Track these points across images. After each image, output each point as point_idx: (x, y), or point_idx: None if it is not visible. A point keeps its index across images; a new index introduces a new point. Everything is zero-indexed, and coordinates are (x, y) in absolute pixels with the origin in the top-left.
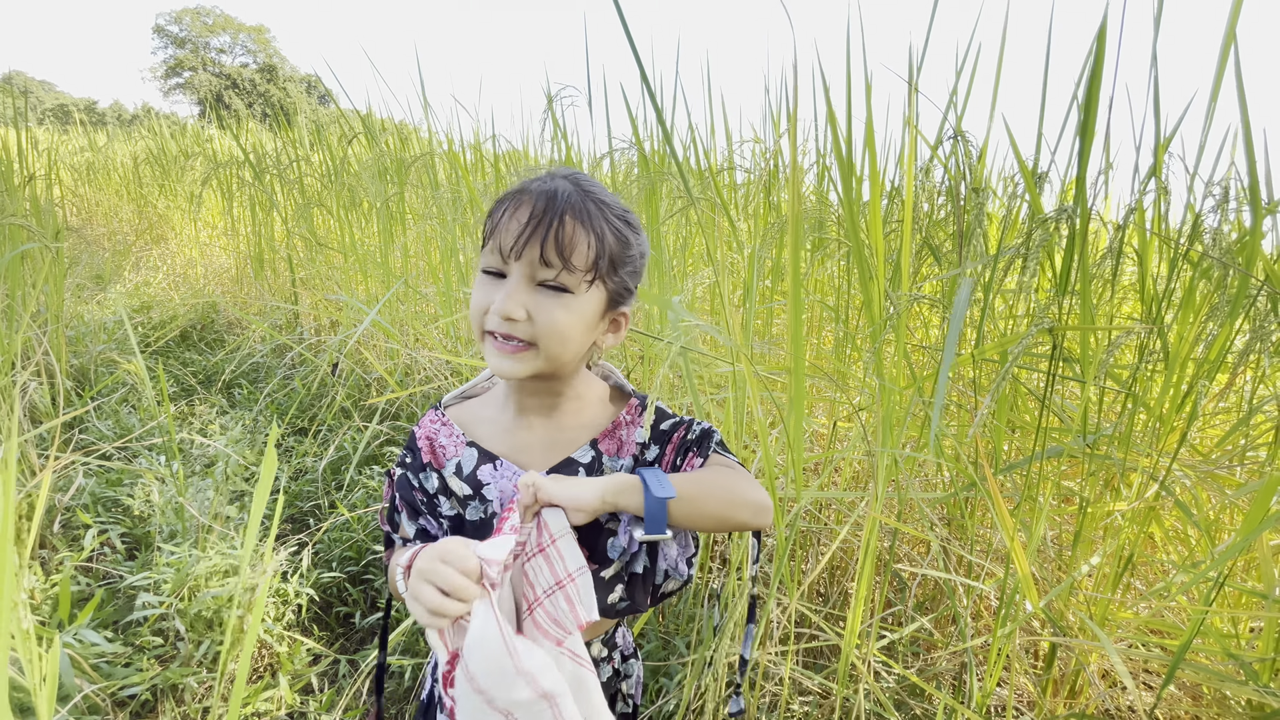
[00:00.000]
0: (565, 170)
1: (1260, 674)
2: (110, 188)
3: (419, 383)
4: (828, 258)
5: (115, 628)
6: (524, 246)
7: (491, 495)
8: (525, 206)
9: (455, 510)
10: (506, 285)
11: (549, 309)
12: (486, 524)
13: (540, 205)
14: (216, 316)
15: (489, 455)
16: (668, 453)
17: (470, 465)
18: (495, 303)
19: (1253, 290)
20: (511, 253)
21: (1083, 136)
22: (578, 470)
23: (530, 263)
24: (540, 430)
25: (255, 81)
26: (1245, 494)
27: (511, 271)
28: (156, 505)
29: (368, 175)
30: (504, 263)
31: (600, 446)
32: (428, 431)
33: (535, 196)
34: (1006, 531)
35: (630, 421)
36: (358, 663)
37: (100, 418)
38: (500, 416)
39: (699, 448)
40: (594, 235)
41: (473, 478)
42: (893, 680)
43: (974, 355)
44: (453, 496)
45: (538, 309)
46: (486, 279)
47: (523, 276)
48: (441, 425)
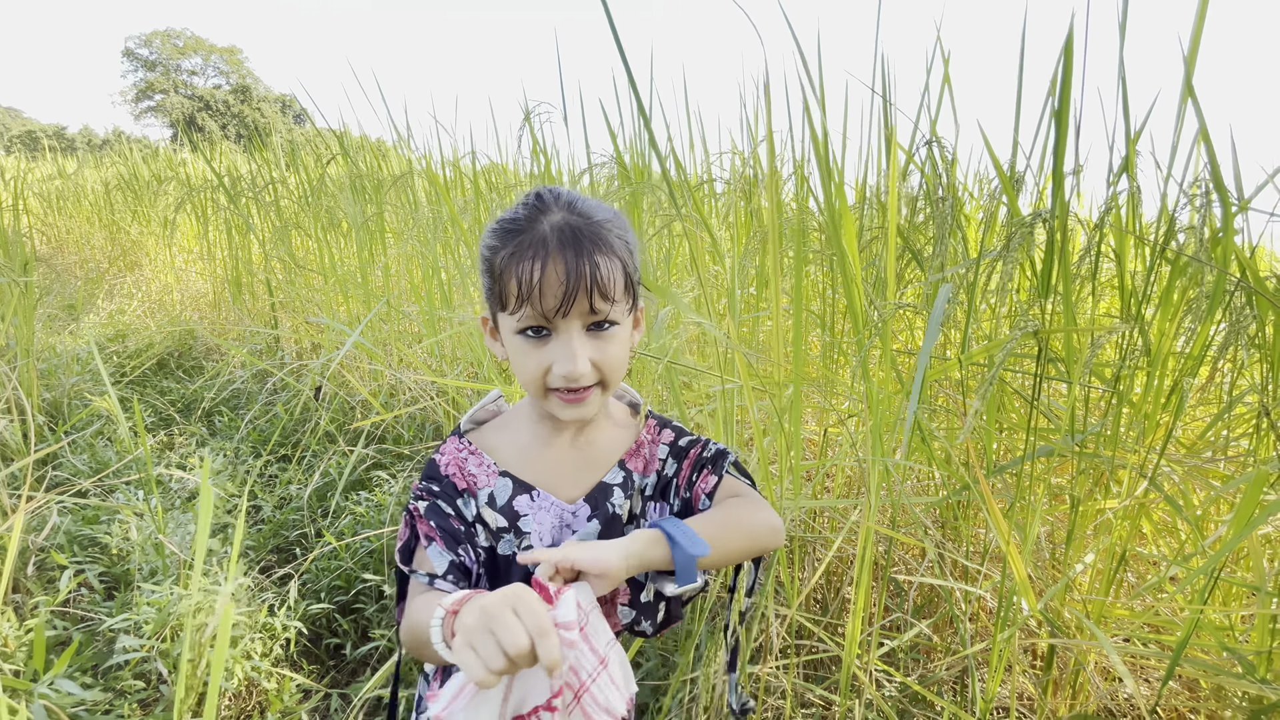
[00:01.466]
0: (545, 193)
1: (1257, 666)
2: (81, 215)
3: (404, 404)
4: (811, 265)
5: (94, 673)
6: (571, 304)
7: (529, 527)
8: (555, 263)
9: (488, 543)
10: (565, 344)
11: (607, 350)
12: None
13: (571, 257)
14: (194, 343)
15: (525, 485)
16: (684, 468)
17: (505, 496)
18: (558, 365)
19: (1229, 286)
20: (559, 313)
21: (1056, 143)
22: (612, 491)
23: (581, 314)
24: (570, 448)
25: (229, 103)
26: (1233, 488)
27: (561, 329)
28: (135, 543)
29: (345, 195)
30: (549, 321)
31: (629, 465)
32: (455, 459)
33: (556, 248)
34: (1001, 533)
35: (652, 440)
36: (350, 696)
37: (75, 453)
38: (526, 439)
39: (713, 466)
40: (619, 261)
41: (509, 509)
42: (894, 689)
43: (960, 359)
44: (485, 528)
45: (599, 354)
46: (527, 341)
47: (576, 328)
48: (470, 454)
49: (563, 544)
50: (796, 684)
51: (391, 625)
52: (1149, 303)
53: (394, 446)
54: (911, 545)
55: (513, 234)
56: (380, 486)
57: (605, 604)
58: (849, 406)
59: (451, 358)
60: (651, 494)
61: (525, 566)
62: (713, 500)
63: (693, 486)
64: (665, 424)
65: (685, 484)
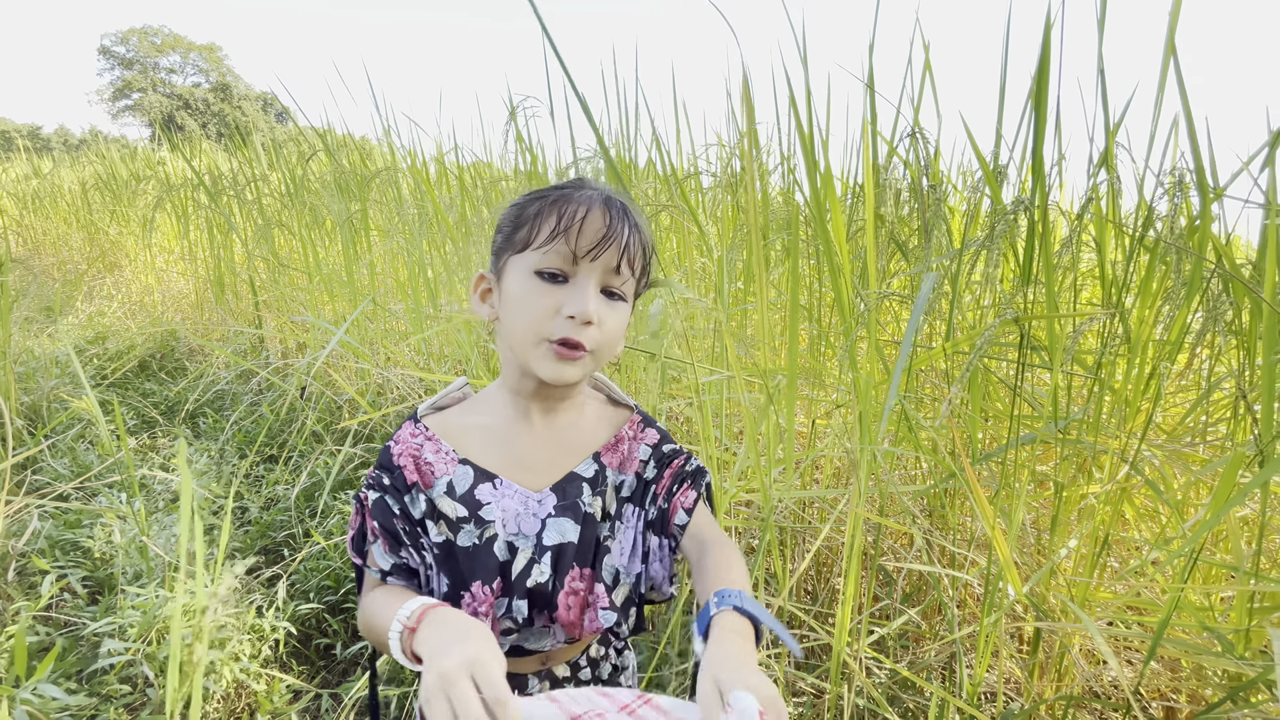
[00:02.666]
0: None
1: (1235, 645)
2: (58, 215)
3: (392, 403)
4: (799, 256)
5: (79, 678)
6: (603, 251)
7: (492, 515)
8: (598, 211)
9: (444, 536)
10: (580, 288)
11: (611, 319)
12: (483, 550)
13: (614, 214)
14: (176, 344)
15: (486, 474)
16: (665, 477)
17: (465, 484)
18: (568, 305)
19: (1206, 273)
20: (589, 255)
21: (1035, 131)
22: (581, 485)
23: (605, 268)
24: (541, 434)
25: (209, 101)
26: (1210, 470)
27: (581, 274)
28: (119, 546)
29: (329, 192)
30: (573, 264)
31: (604, 460)
32: (409, 448)
33: (602, 203)
34: (987, 519)
35: (634, 437)
36: (340, 696)
37: (55, 456)
38: (494, 422)
39: (693, 481)
40: (645, 246)
41: (469, 498)
42: (884, 675)
43: (944, 348)
44: (442, 520)
45: (605, 316)
46: (542, 284)
47: (594, 281)
48: (425, 440)
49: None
50: (788, 672)
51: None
52: (1129, 291)
53: (381, 445)
54: (900, 535)
55: (557, 189)
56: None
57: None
58: (837, 397)
59: (439, 355)
60: (629, 495)
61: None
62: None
63: (671, 498)
64: (649, 423)
65: (664, 493)
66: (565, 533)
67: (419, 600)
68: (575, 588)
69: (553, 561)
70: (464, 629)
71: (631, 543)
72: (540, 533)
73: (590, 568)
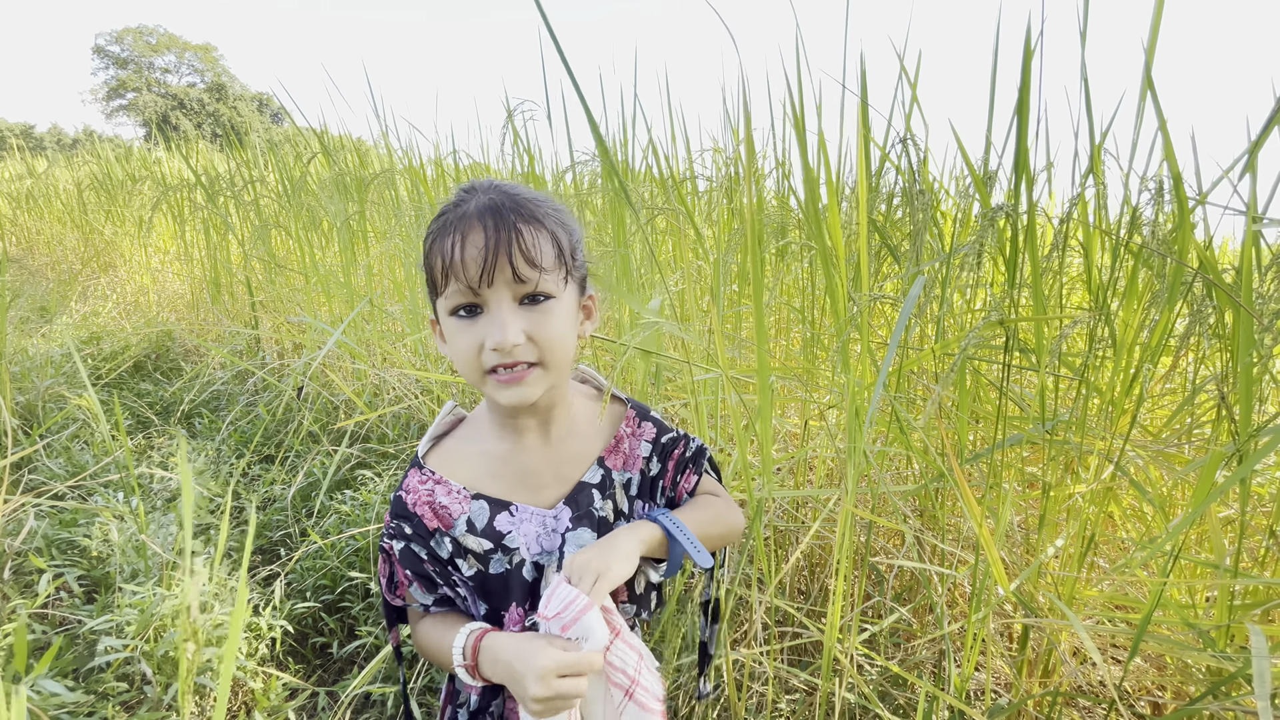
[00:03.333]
0: (479, 183)
1: (1217, 640)
2: (53, 215)
3: (389, 403)
4: (793, 261)
5: (76, 676)
6: (494, 269)
7: (516, 543)
8: (474, 232)
9: (476, 568)
10: (494, 316)
11: (542, 323)
12: (515, 574)
13: (490, 222)
14: (172, 345)
15: (501, 503)
16: (669, 467)
17: (484, 519)
18: (490, 338)
19: (1188, 277)
20: (482, 280)
21: (1018, 143)
22: (590, 492)
23: (506, 282)
24: (541, 451)
25: (204, 101)
26: (1192, 470)
27: (489, 299)
28: (116, 544)
29: (326, 194)
30: (475, 294)
31: (608, 463)
32: (421, 496)
33: (475, 218)
34: (974, 518)
35: (631, 434)
36: (337, 694)
37: (50, 456)
38: (494, 447)
39: (694, 464)
40: (547, 232)
41: (491, 530)
42: (875, 672)
43: (934, 350)
44: (470, 554)
45: (533, 326)
46: (460, 321)
47: (505, 300)
48: (435, 483)
49: (579, 560)
50: (780, 669)
51: (378, 623)
52: (1115, 294)
53: (378, 445)
54: (892, 534)
55: (440, 217)
56: (365, 485)
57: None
58: (830, 399)
59: (436, 356)
60: (637, 492)
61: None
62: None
63: (677, 486)
64: (645, 415)
65: (670, 483)
66: (585, 543)
67: (466, 631)
68: None
69: None
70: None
71: None
72: (562, 547)
73: None
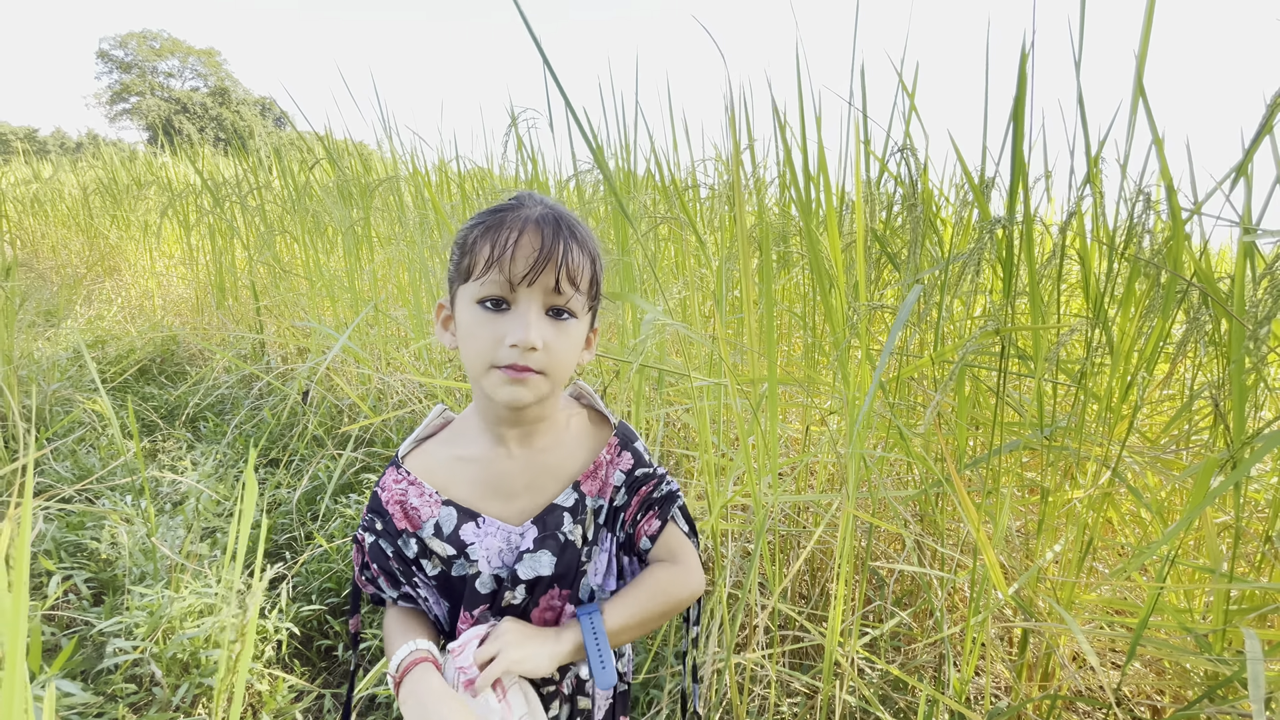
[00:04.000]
0: (533, 193)
1: (1213, 645)
2: (58, 219)
3: (393, 407)
4: (793, 266)
5: (84, 677)
6: (539, 274)
7: (477, 555)
8: (531, 234)
9: (439, 569)
10: (522, 315)
11: (560, 337)
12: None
13: (548, 233)
14: (177, 348)
15: (470, 513)
16: (633, 503)
17: (450, 525)
18: (511, 334)
19: (1182, 287)
20: (525, 280)
21: (1014, 162)
22: (561, 515)
23: (544, 290)
24: (520, 461)
25: (207, 105)
26: (1188, 475)
27: (521, 299)
28: (124, 547)
29: (331, 199)
30: (511, 290)
31: (583, 488)
32: (394, 495)
33: (536, 223)
34: (972, 522)
35: (610, 461)
36: (343, 696)
37: (57, 459)
38: (473, 452)
39: (660, 509)
40: (589, 257)
41: (455, 538)
42: (876, 675)
43: (931, 357)
44: (434, 556)
45: (551, 338)
46: (485, 313)
47: (536, 304)
48: (409, 484)
49: (495, 648)
50: (781, 672)
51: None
52: (1113, 301)
53: (383, 449)
54: (892, 539)
55: (492, 213)
56: (370, 489)
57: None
58: (831, 405)
59: (439, 361)
60: (604, 521)
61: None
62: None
63: (637, 524)
64: (628, 443)
65: (630, 520)
66: (539, 567)
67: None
68: (552, 605)
69: (527, 590)
70: (425, 706)
71: (606, 563)
72: (516, 564)
73: (570, 588)
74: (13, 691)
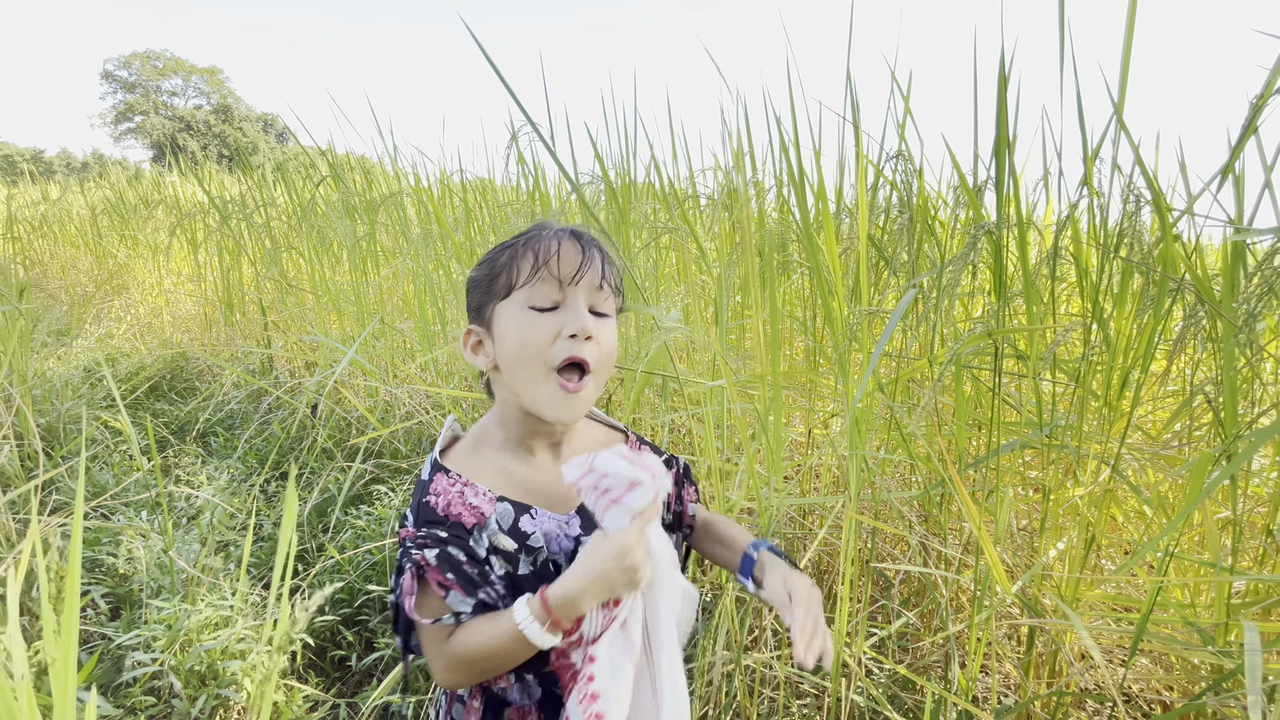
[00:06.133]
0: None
1: (1216, 638)
2: (66, 239)
3: (401, 419)
4: (793, 272)
5: (104, 690)
6: (585, 272)
7: (538, 542)
8: (569, 243)
9: (505, 569)
10: (573, 309)
11: (604, 331)
12: (539, 574)
13: (581, 241)
14: (186, 365)
15: (522, 506)
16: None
17: (509, 520)
18: (569, 325)
19: (1175, 286)
20: (574, 279)
21: (996, 173)
22: None
23: (589, 288)
24: (550, 468)
25: (210, 123)
26: (1184, 471)
27: (569, 299)
28: (141, 561)
29: (336, 215)
30: (560, 291)
31: None
32: (453, 496)
33: (569, 235)
34: (973, 521)
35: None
36: (358, 705)
37: (72, 477)
38: (505, 461)
39: (688, 478)
40: (616, 267)
41: (516, 530)
42: (884, 675)
43: (928, 359)
44: (501, 554)
45: (598, 332)
46: (535, 314)
47: (583, 300)
48: (464, 485)
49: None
50: (790, 673)
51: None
52: (1110, 299)
53: (391, 461)
54: (898, 539)
55: (519, 237)
56: (380, 500)
57: None
58: (834, 408)
59: (446, 372)
60: None
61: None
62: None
63: (683, 500)
64: (642, 440)
65: (675, 498)
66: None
67: (522, 601)
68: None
69: None
70: (589, 560)
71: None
72: (575, 550)
73: None
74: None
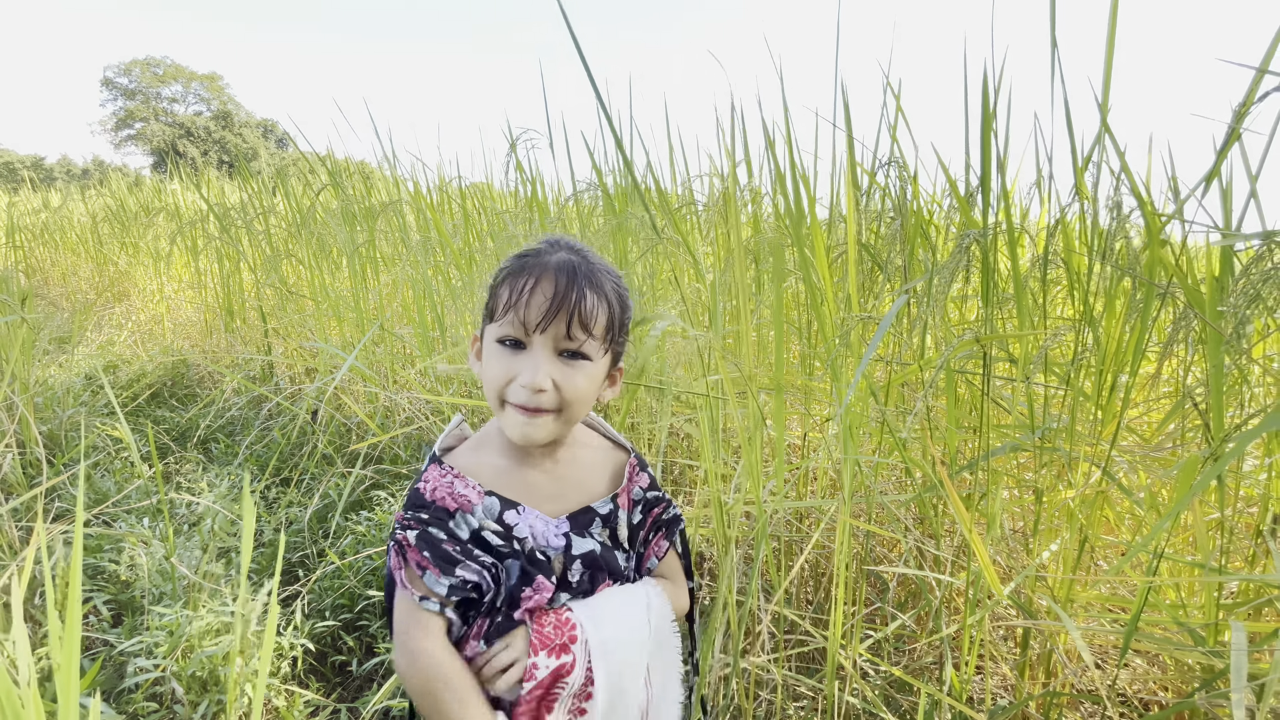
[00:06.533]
0: (561, 238)
1: (1206, 638)
2: (67, 247)
3: (400, 425)
4: (786, 278)
5: (106, 697)
6: (550, 322)
7: (523, 534)
8: (546, 282)
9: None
10: (531, 357)
11: (572, 377)
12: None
13: (562, 281)
14: (187, 371)
15: (510, 502)
16: (647, 522)
17: (495, 511)
18: (522, 376)
19: (1162, 290)
20: (537, 328)
21: (982, 181)
22: (594, 518)
23: (555, 336)
24: (547, 471)
25: (210, 129)
26: (1172, 473)
27: (534, 344)
28: (143, 568)
29: (335, 222)
30: (526, 335)
31: (618, 501)
32: (442, 485)
33: (552, 271)
34: (964, 523)
35: (630, 478)
36: (358, 710)
37: (73, 484)
38: (502, 462)
39: (668, 530)
40: (606, 304)
41: (501, 521)
42: (880, 677)
43: (920, 364)
44: (483, 541)
45: (562, 378)
46: (502, 349)
47: (547, 348)
48: (454, 478)
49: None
50: (787, 676)
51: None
52: (1099, 302)
53: (391, 467)
54: (894, 542)
55: (522, 258)
56: (380, 506)
57: None
58: (828, 412)
59: (445, 378)
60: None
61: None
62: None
63: (649, 543)
64: (644, 466)
65: (643, 539)
66: (588, 549)
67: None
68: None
69: (584, 565)
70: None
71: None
72: (567, 547)
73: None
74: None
